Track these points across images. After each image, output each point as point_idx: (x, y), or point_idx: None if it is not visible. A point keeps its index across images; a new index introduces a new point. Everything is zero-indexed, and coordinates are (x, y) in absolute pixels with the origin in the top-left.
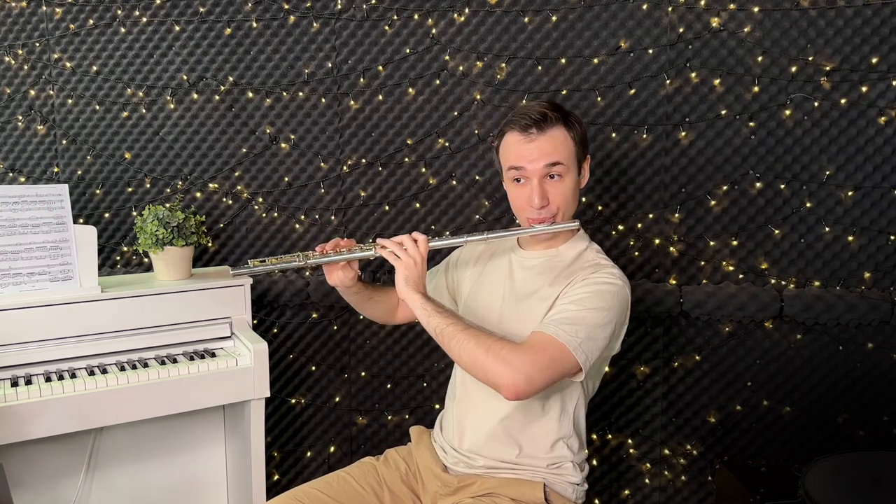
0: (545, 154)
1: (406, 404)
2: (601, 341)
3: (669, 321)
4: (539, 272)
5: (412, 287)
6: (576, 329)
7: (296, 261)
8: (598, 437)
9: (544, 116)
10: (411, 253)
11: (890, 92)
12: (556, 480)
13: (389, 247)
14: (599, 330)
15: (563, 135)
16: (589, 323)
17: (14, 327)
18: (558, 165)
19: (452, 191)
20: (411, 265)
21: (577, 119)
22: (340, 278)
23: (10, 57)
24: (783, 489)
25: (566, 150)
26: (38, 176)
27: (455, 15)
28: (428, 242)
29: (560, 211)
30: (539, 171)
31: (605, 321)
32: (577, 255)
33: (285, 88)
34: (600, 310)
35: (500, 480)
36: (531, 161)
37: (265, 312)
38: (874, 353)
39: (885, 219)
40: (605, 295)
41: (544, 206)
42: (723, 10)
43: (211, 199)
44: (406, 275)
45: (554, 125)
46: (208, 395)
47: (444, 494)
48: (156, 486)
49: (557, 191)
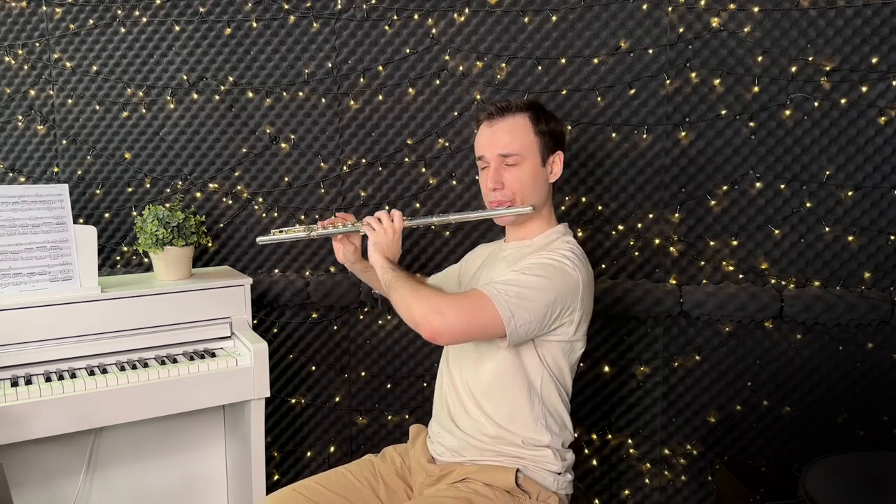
0: (501, 143)
1: (406, 404)
2: (533, 304)
3: (669, 321)
4: (510, 261)
5: (379, 252)
6: (506, 287)
7: (301, 232)
8: (598, 437)
9: (507, 105)
10: (385, 225)
11: (890, 92)
12: (533, 468)
13: (369, 221)
14: (532, 293)
15: (523, 123)
16: (522, 285)
17: (14, 327)
18: (513, 155)
19: (452, 191)
20: (382, 234)
21: (550, 116)
22: (342, 252)
23: (10, 57)
24: (783, 489)
25: (525, 138)
26: (38, 176)
27: (455, 15)
28: (402, 219)
29: (517, 196)
30: (495, 157)
31: (541, 287)
32: (545, 245)
33: (285, 88)
34: (537, 277)
35: (476, 467)
36: (489, 148)
37: (265, 312)
38: (874, 353)
39: (885, 219)
40: (546, 267)
41: (497, 189)
42: (723, 10)
43: (211, 199)
44: (375, 241)
45: (515, 113)
46: (208, 395)
47: (428, 484)
48: (156, 486)
49: (513, 177)
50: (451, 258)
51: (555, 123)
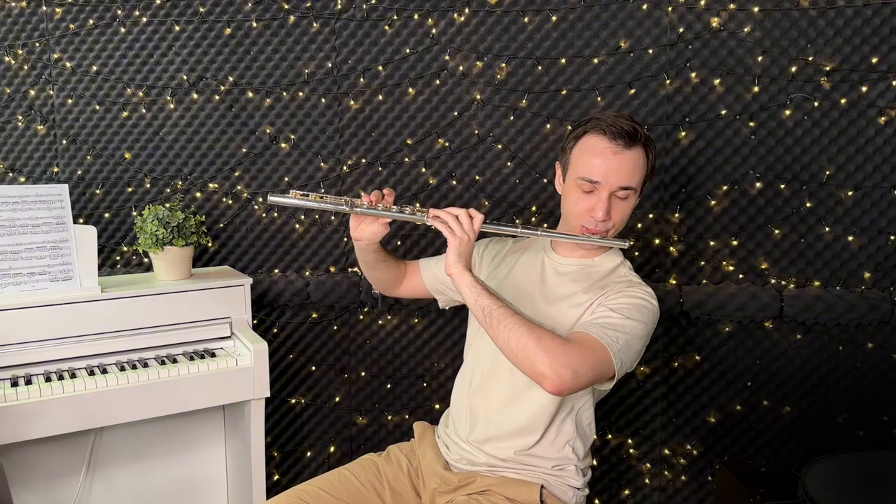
0: (624, 175)
1: (406, 404)
2: (635, 353)
3: (669, 321)
4: (573, 279)
5: (463, 264)
6: (616, 335)
7: (341, 205)
8: (598, 437)
9: (635, 132)
10: (465, 228)
11: (890, 92)
12: (555, 483)
13: (444, 217)
14: (635, 341)
15: (643, 158)
16: (628, 332)
17: (14, 327)
18: (630, 189)
19: (452, 191)
20: (465, 241)
21: (655, 149)
22: (373, 232)
23: (10, 57)
24: (783, 489)
25: (641, 173)
26: (38, 176)
27: (455, 15)
28: (482, 222)
29: (616, 228)
30: (614, 187)
31: (641, 334)
32: (612, 269)
33: (285, 88)
34: (638, 322)
35: (498, 479)
36: (610, 177)
37: (265, 312)
38: (874, 353)
39: (885, 219)
40: (643, 310)
41: (605, 220)
42: (723, 10)
43: (211, 199)
44: (459, 250)
45: (638, 145)
46: (208, 395)
47: (443, 492)
48: (156, 486)
49: (622, 210)
50: None
51: (655, 153)
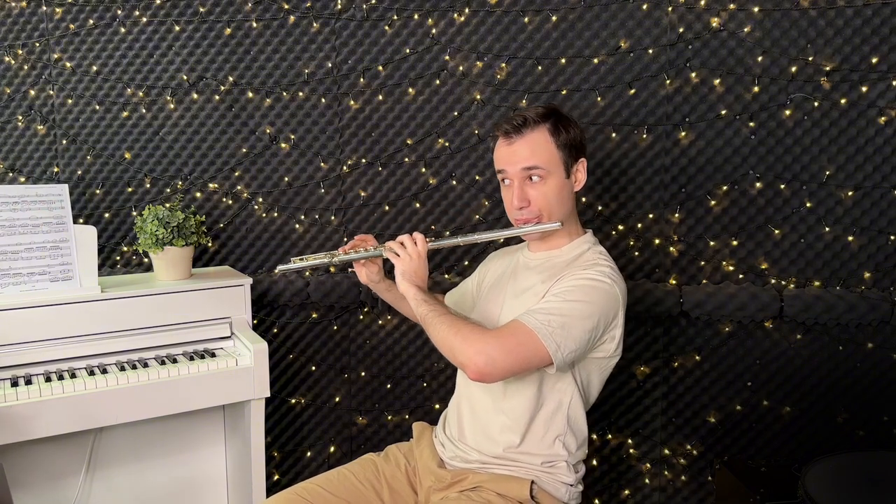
0: (522, 158)
1: (406, 404)
2: (578, 332)
3: (669, 321)
4: (539, 271)
5: (408, 280)
6: (549, 318)
7: (325, 258)
8: (598, 437)
9: (524, 121)
10: (409, 250)
11: (890, 92)
12: (547, 479)
13: (390, 246)
14: (576, 321)
15: (543, 138)
16: (565, 313)
17: (14, 327)
18: (536, 169)
19: (452, 191)
20: (408, 260)
21: (568, 124)
22: (366, 274)
23: (10, 57)
24: (783, 489)
25: (546, 153)
26: (38, 176)
27: (455, 15)
28: (426, 242)
29: (544, 212)
30: (518, 173)
31: (585, 314)
32: (577, 256)
33: (285, 88)
34: (580, 302)
35: (489, 475)
36: (510, 164)
37: (265, 312)
38: (874, 353)
39: (885, 219)
40: (587, 289)
41: (524, 207)
42: (723, 10)
43: (211, 199)
44: (403, 269)
45: (534, 129)
46: (208, 395)
47: (437, 489)
48: (156, 486)
49: (538, 193)
50: (465, 258)
51: (574, 130)
